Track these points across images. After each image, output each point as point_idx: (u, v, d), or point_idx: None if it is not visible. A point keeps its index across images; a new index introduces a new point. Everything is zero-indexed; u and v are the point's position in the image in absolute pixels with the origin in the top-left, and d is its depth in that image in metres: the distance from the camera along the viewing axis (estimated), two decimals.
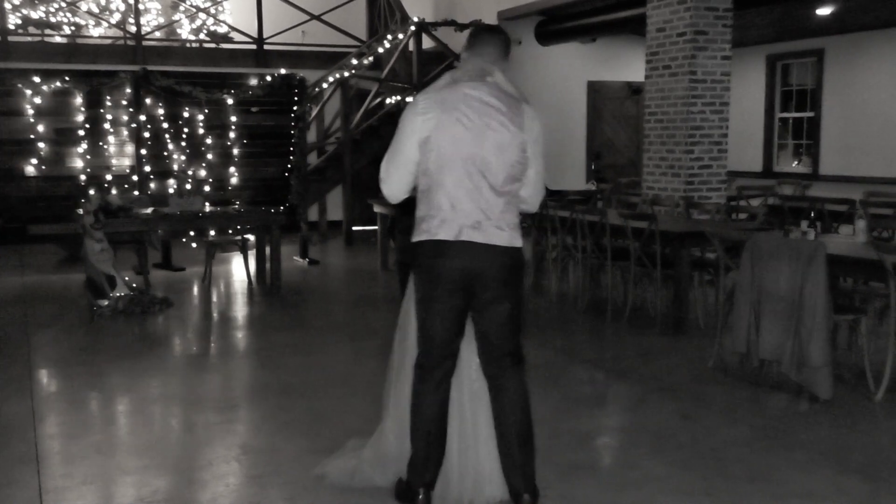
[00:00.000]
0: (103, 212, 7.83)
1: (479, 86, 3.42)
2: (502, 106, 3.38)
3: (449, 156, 3.34)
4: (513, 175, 3.39)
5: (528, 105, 3.47)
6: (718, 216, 8.04)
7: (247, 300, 8.51)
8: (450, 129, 3.34)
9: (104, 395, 5.36)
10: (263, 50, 13.50)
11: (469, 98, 3.38)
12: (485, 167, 3.34)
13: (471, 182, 3.35)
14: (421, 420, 3.52)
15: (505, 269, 3.41)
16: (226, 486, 3.90)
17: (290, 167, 10.95)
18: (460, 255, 3.37)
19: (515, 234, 3.45)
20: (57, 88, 9.91)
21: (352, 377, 5.71)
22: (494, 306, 3.44)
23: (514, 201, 3.44)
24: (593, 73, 14.56)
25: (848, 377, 5.51)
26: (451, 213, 3.36)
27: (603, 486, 3.87)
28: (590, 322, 7.35)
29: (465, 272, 3.39)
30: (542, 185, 3.53)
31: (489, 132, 3.35)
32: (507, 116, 3.37)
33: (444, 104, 3.37)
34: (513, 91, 3.48)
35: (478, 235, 3.36)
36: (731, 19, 8.89)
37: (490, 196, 3.36)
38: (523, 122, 3.40)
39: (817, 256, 4.92)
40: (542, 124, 3.50)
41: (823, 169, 12.81)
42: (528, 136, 3.40)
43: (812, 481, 3.92)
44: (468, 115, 3.35)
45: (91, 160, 10.13)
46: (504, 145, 3.35)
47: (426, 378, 3.51)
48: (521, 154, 3.39)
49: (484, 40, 3.55)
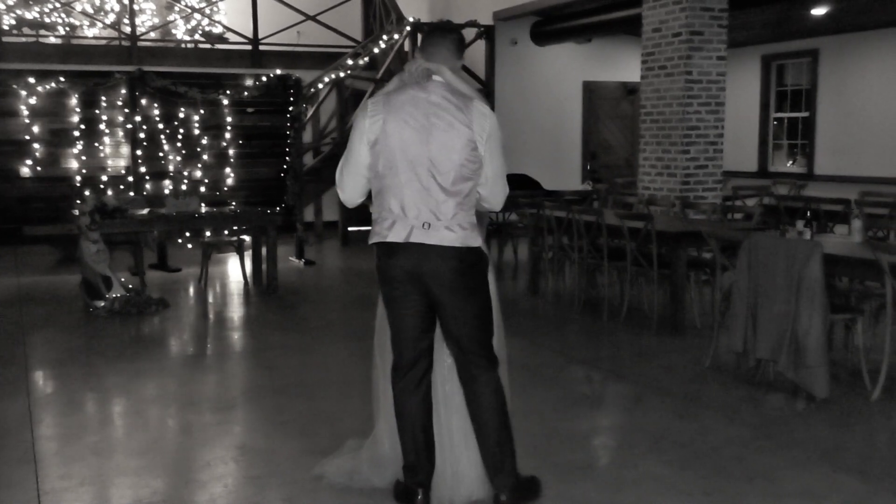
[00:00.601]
0: (99, 213, 7.82)
1: (427, 85, 3.41)
2: (449, 104, 3.36)
3: (397, 157, 3.35)
4: (463, 175, 3.35)
5: (480, 102, 3.42)
6: (714, 216, 8.06)
7: (243, 301, 8.51)
8: (397, 130, 3.35)
9: (101, 396, 5.35)
10: (259, 50, 13.49)
11: (416, 99, 3.38)
12: (433, 167, 3.32)
13: (419, 183, 3.34)
14: (404, 421, 3.56)
15: (458, 271, 3.37)
16: (224, 487, 3.90)
17: (286, 168, 10.94)
18: (411, 257, 3.38)
19: (471, 235, 3.40)
20: (52, 89, 9.88)
21: (349, 377, 5.70)
22: (455, 308, 3.42)
23: (467, 201, 3.40)
24: (589, 74, 14.58)
25: (844, 376, 5.52)
26: (400, 214, 3.37)
27: (601, 485, 3.87)
28: (586, 322, 7.36)
29: (417, 274, 3.39)
30: (502, 184, 3.48)
31: (435, 132, 3.33)
32: (453, 115, 3.34)
33: (391, 106, 3.40)
34: (464, 89, 3.44)
35: (428, 236, 3.34)
36: (726, 19, 8.91)
37: (440, 196, 3.34)
38: (472, 119, 3.35)
39: (814, 256, 4.94)
40: (496, 121, 3.43)
41: (818, 169, 12.85)
42: (478, 134, 3.35)
43: (810, 480, 3.93)
44: (414, 115, 3.35)
45: (86, 161, 10.10)
46: (451, 144, 3.32)
47: (402, 378, 3.55)
48: (470, 152, 3.34)
49: (433, 41, 3.54)
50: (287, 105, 10.92)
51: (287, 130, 10.95)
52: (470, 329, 3.45)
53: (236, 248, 9.24)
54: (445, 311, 3.44)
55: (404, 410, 3.55)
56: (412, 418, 3.54)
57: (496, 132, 3.41)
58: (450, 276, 3.37)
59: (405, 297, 3.45)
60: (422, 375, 3.54)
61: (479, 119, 3.36)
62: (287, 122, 10.93)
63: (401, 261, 3.40)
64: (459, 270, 3.38)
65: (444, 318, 3.47)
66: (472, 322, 3.45)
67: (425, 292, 3.42)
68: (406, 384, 3.54)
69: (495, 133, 3.40)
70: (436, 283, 3.38)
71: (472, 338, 3.46)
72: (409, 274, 3.41)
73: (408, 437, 3.55)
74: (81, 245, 7.80)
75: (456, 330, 3.46)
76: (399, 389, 3.56)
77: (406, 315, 3.49)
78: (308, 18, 13.60)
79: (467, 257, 3.39)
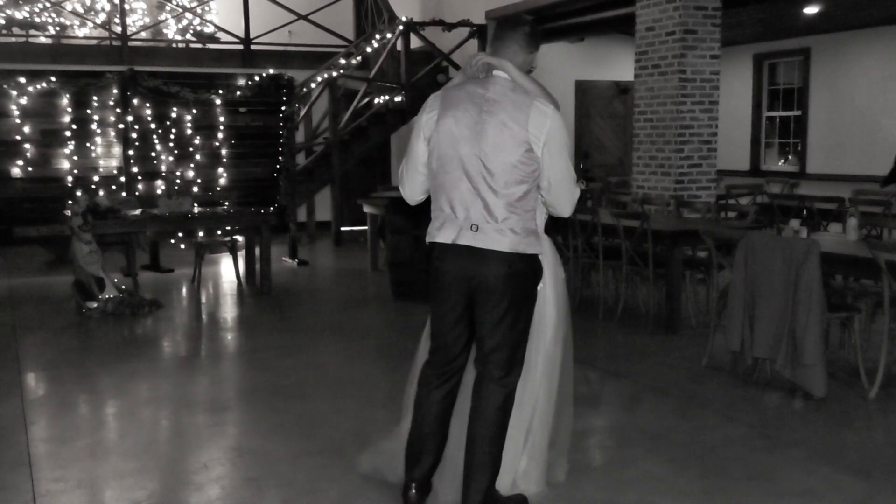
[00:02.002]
0: (91, 213, 7.77)
1: (485, 81, 3.29)
2: (506, 102, 3.20)
3: (448, 155, 3.24)
4: (516, 177, 3.18)
5: (543, 101, 3.23)
6: (709, 215, 8.06)
7: (236, 301, 8.47)
8: (449, 127, 3.24)
9: (95, 398, 5.31)
10: (250, 50, 13.43)
11: (473, 95, 3.26)
12: (484, 167, 3.18)
13: (469, 182, 3.21)
14: (419, 417, 3.49)
15: (504, 277, 3.22)
16: (221, 489, 3.87)
17: (279, 168, 10.90)
18: (458, 259, 3.26)
19: (524, 241, 3.23)
20: (43, 89, 9.82)
21: (344, 378, 5.67)
22: (490, 314, 3.28)
23: (522, 205, 3.22)
24: (581, 73, 14.57)
25: (841, 375, 5.52)
26: (451, 215, 3.26)
27: (601, 485, 3.86)
28: (582, 322, 7.33)
29: (462, 278, 3.27)
30: (568, 189, 3.28)
31: (488, 129, 3.18)
32: (508, 113, 3.17)
33: (448, 101, 3.29)
34: (528, 86, 3.27)
35: (475, 239, 3.21)
36: (719, 18, 8.91)
37: (491, 198, 3.19)
38: (529, 119, 3.16)
39: (811, 255, 4.93)
40: (560, 122, 3.24)
41: (810, 167, 12.86)
42: (534, 135, 3.16)
43: (809, 479, 3.92)
44: (469, 111, 3.22)
45: (78, 161, 10.05)
46: (503, 144, 3.17)
47: (430, 378, 3.47)
48: (524, 154, 3.16)
49: (501, 34, 3.40)
50: (280, 105, 10.89)
51: (279, 130, 10.92)
52: (498, 340, 3.29)
53: (229, 248, 9.20)
54: (481, 316, 3.31)
55: (422, 407, 3.49)
56: (426, 417, 3.47)
57: (558, 134, 3.21)
58: (493, 282, 3.23)
59: (448, 295, 3.35)
60: (447, 381, 3.46)
61: (537, 119, 3.17)
62: (279, 122, 10.90)
63: (448, 263, 3.30)
64: (505, 277, 3.22)
65: (478, 321, 3.33)
66: (502, 332, 3.28)
67: (469, 294, 3.31)
68: (432, 384, 3.47)
69: (557, 135, 3.21)
70: (480, 287, 3.26)
71: (499, 350, 3.30)
72: (455, 276, 3.29)
73: (415, 431, 3.51)
74: (74, 246, 7.75)
75: (485, 337, 3.32)
76: (423, 386, 3.49)
77: (446, 312, 3.38)
78: (300, 18, 13.55)
79: (516, 264, 3.23)
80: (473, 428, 3.34)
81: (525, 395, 3.52)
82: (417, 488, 3.50)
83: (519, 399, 3.46)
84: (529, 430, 3.60)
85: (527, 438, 3.60)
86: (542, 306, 3.54)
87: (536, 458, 3.64)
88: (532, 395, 3.57)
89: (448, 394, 3.47)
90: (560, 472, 3.86)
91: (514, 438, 3.49)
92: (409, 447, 3.54)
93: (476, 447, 3.32)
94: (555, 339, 3.63)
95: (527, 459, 3.62)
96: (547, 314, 3.58)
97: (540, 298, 3.50)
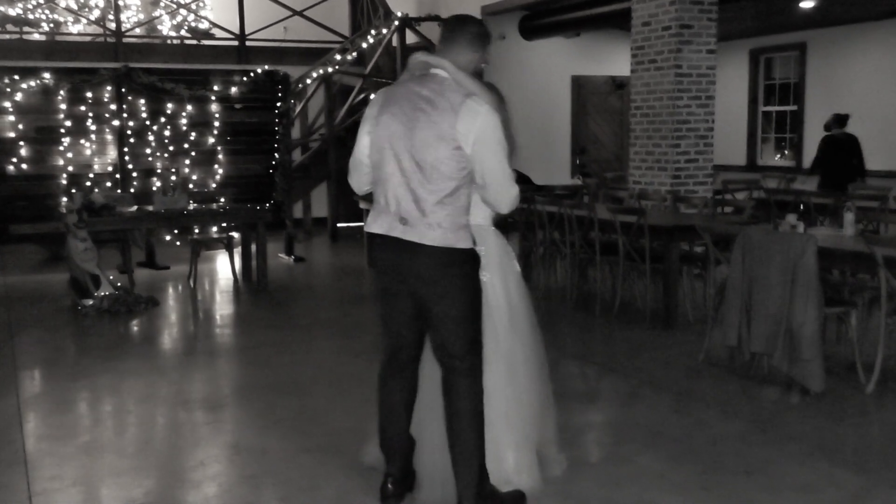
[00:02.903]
0: (87, 210, 7.75)
1: (425, 79, 3.34)
2: (438, 99, 3.23)
3: (384, 149, 3.32)
4: (444, 173, 3.20)
5: (475, 100, 3.23)
6: (706, 210, 8.05)
7: (233, 298, 8.45)
8: (387, 122, 3.32)
9: (91, 396, 5.29)
10: (245, 46, 13.40)
11: (410, 92, 3.32)
12: (415, 163, 3.23)
13: (403, 177, 3.26)
14: (383, 412, 3.58)
15: (436, 271, 3.26)
16: (218, 486, 3.85)
17: (275, 164, 10.87)
18: (390, 251, 3.34)
19: (452, 235, 3.25)
20: (37, 86, 9.78)
21: (340, 374, 5.66)
22: (434, 308, 3.32)
23: (452, 201, 3.24)
24: (577, 68, 14.55)
25: (838, 370, 5.51)
26: (385, 207, 3.34)
27: (599, 481, 3.85)
28: (579, 317, 7.34)
29: (396, 268, 3.35)
30: (504, 186, 3.27)
31: (418, 126, 3.23)
32: (439, 111, 3.21)
33: (388, 98, 3.38)
34: (466, 84, 3.30)
35: (406, 232, 3.27)
36: (716, 13, 8.89)
37: (421, 193, 3.23)
38: (458, 116, 3.18)
39: (808, 249, 4.93)
40: (495, 120, 3.23)
41: (807, 162, 12.85)
42: (462, 133, 3.17)
43: (807, 474, 3.91)
44: (405, 108, 3.28)
45: (73, 158, 10.02)
46: (430, 141, 3.20)
47: (385, 371, 3.57)
48: (452, 151, 3.18)
49: (445, 33, 3.45)
50: (275, 101, 10.86)
51: (275, 126, 10.89)
52: (448, 333, 3.33)
53: (225, 245, 9.18)
54: (427, 311, 3.36)
55: (380, 400, 3.58)
56: (385, 410, 3.57)
57: (490, 132, 3.21)
58: (426, 275, 3.28)
59: (389, 286, 3.44)
60: (403, 366, 3.53)
61: (467, 117, 3.18)
62: (275, 119, 10.87)
63: (381, 253, 3.39)
64: (437, 270, 3.27)
65: (426, 317, 3.38)
66: (450, 326, 3.32)
67: (409, 286, 3.36)
68: (387, 371, 3.56)
69: (488, 133, 3.20)
70: (415, 280, 3.32)
71: (448, 341, 3.34)
72: (389, 267, 3.38)
73: (383, 425, 3.59)
74: (69, 243, 7.72)
75: (436, 332, 3.38)
76: (381, 376, 3.58)
77: (390, 304, 3.47)
78: (295, 14, 13.52)
79: (446, 258, 3.25)
80: (450, 424, 3.37)
81: (494, 388, 3.52)
82: (393, 482, 3.57)
83: (489, 391, 3.46)
84: (510, 424, 3.59)
85: (509, 432, 3.59)
86: (492, 298, 3.58)
87: (524, 452, 3.64)
88: (500, 387, 3.57)
89: (405, 386, 3.54)
90: (557, 467, 3.87)
91: (493, 432, 3.48)
92: (381, 443, 3.61)
93: (456, 442, 3.35)
94: (511, 330, 3.64)
95: (514, 454, 3.61)
96: (497, 306, 3.62)
97: (489, 290, 3.55)
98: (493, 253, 3.63)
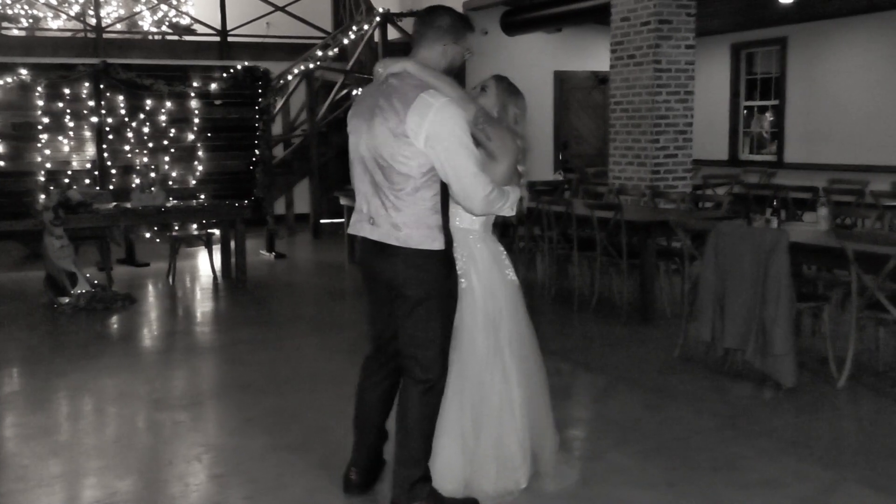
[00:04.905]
0: (63, 207, 7.70)
1: (388, 77, 3.27)
2: (394, 96, 3.14)
3: (355, 150, 3.33)
4: (401, 171, 3.12)
5: (431, 94, 3.10)
6: (684, 205, 8.06)
7: (212, 295, 8.42)
8: (354, 125, 3.34)
9: (63, 395, 5.26)
10: (227, 42, 13.34)
11: (374, 91, 3.30)
12: (376, 162, 3.19)
13: (369, 176, 3.26)
14: (357, 403, 3.61)
15: (404, 272, 3.20)
16: (185, 486, 3.84)
17: (256, 160, 10.83)
18: (364, 252, 3.37)
19: (420, 235, 3.16)
20: (14, 82, 9.71)
21: (318, 372, 5.64)
22: (398, 309, 3.29)
23: (415, 199, 3.15)
24: (560, 63, 14.55)
25: (811, 364, 5.53)
26: (359, 208, 3.36)
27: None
28: (557, 312, 7.34)
29: (371, 267, 3.36)
30: (468, 184, 3.11)
31: (376, 123, 3.18)
32: (392, 106, 3.13)
33: (358, 99, 3.42)
34: (426, 78, 3.17)
35: (374, 233, 3.26)
36: (694, 8, 8.90)
37: (385, 192, 3.19)
38: (408, 111, 3.07)
39: (779, 245, 4.94)
40: (452, 113, 3.09)
41: (788, 157, 12.90)
42: (413, 128, 3.06)
43: (775, 469, 3.92)
44: (368, 107, 3.26)
45: (51, 155, 9.95)
46: (386, 137, 3.13)
47: (366, 365, 3.61)
48: (405, 147, 3.09)
49: (417, 26, 3.34)
50: (255, 97, 10.81)
51: (256, 122, 10.84)
52: (410, 336, 3.26)
53: (205, 242, 9.14)
54: (394, 310, 3.33)
55: (357, 393, 3.60)
56: (360, 403, 3.59)
57: (445, 126, 3.06)
58: (394, 276, 3.23)
59: (368, 284, 3.47)
60: (383, 362, 3.52)
61: (418, 110, 3.06)
62: (256, 114, 10.83)
63: (360, 253, 3.43)
64: (404, 272, 3.20)
65: (395, 316, 3.35)
66: (412, 328, 3.24)
67: (383, 284, 3.34)
68: (368, 366, 3.59)
69: (443, 127, 3.06)
70: (388, 281, 3.28)
71: (411, 346, 3.27)
72: (365, 266, 3.41)
73: (356, 416, 3.62)
74: (45, 241, 7.67)
75: (398, 331, 3.32)
76: (363, 369, 3.60)
77: (371, 301, 3.49)
78: (277, 9, 13.47)
79: (413, 259, 3.18)
80: (397, 423, 3.39)
81: (462, 397, 3.43)
82: (357, 472, 3.61)
83: (453, 400, 3.41)
84: (478, 434, 3.47)
85: (475, 442, 3.47)
86: (469, 305, 3.42)
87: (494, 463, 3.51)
88: (468, 396, 3.44)
89: (383, 382, 3.54)
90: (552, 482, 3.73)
91: (453, 440, 3.43)
92: (355, 433, 3.65)
93: (399, 441, 3.35)
94: (493, 341, 3.47)
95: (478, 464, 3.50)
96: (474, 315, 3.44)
97: (467, 297, 3.42)
98: (477, 259, 3.47)
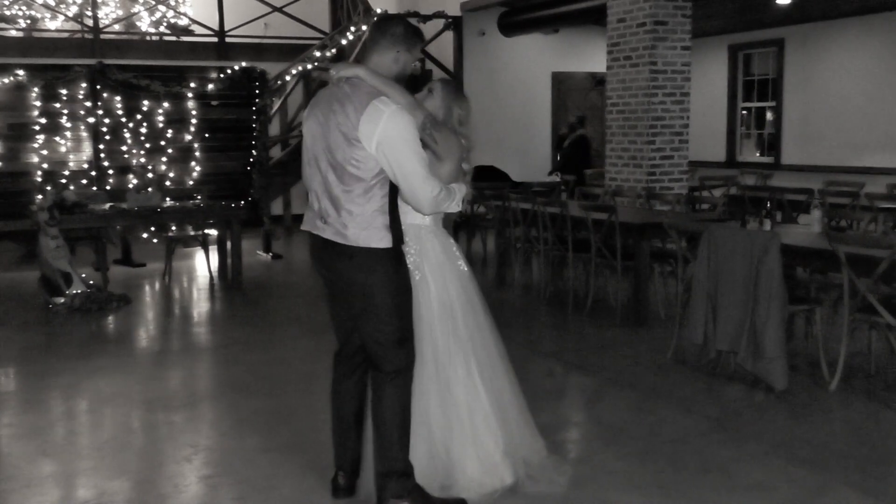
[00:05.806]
0: (58, 208, 7.70)
1: (342, 82, 3.37)
2: (347, 102, 3.26)
3: (309, 150, 3.42)
4: (351, 173, 3.24)
5: (382, 101, 3.22)
6: (679, 207, 8.06)
7: (208, 296, 8.42)
8: (310, 125, 3.42)
9: (55, 396, 5.26)
10: (225, 43, 13.35)
11: (329, 95, 3.39)
12: (330, 163, 3.30)
13: (321, 176, 3.34)
14: (334, 406, 3.66)
15: (354, 269, 3.31)
16: (174, 488, 3.84)
17: (252, 161, 10.84)
18: (315, 249, 3.46)
19: (368, 234, 3.27)
20: (11, 83, 9.71)
21: (312, 373, 5.63)
22: (354, 305, 3.38)
23: (363, 200, 3.26)
24: (557, 65, 14.56)
25: (804, 367, 5.53)
26: (311, 205, 3.44)
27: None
28: (552, 314, 7.34)
29: (323, 266, 3.45)
30: (417, 185, 3.22)
31: (330, 126, 3.30)
32: (346, 112, 3.24)
33: (314, 102, 3.49)
34: (378, 84, 3.29)
35: (324, 231, 3.35)
36: (690, 9, 8.91)
37: (336, 192, 3.29)
38: (361, 117, 3.19)
39: (771, 247, 4.94)
40: (403, 119, 3.21)
41: (785, 158, 12.90)
42: (365, 133, 3.19)
43: (764, 472, 3.92)
44: (323, 111, 3.36)
45: (47, 155, 9.96)
46: (340, 142, 3.25)
47: (335, 365, 3.66)
48: (357, 151, 3.22)
49: (371, 34, 3.48)
50: (252, 98, 10.82)
51: (252, 123, 10.85)
52: (368, 332, 3.37)
53: (201, 242, 9.14)
54: (352, 308, 3.42)
55: (332, 394, 3.66)
56: (336, 403, 3.64)
57: (396, 132, 3.19)
58: (345, 274, 3.36)
59: (325, 282, 3.54)
60: (348, 359, 3.60)
61: (370, 116, 3.19)
62: (252, 115, 10.83)
63: (313, 251, 3.49)
64: (355, 269, 3.31)
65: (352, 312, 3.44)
66: (368, 327, 3.36)
67: (338, 282, 3.44)
68: (337, 366, 3.65)
69: (394, 133, 3.19)
70: (339, 278, 3.40)
71: (370, 341, 3.38)
72: (320, 265, 3.48)
73: (334, 419, 3.66)
74: (40, 241, 7.68)
75: (362, 330, 3.42)
76: (333, 370, 3.67)
77: (331, 301, 3.59)
78: (275, 10, 13.47)
79: (362, 257, 3.29)
80: (372, 417, 3.45)
81: (426, 386, 3.52)
82: (344, 476, 3.65)
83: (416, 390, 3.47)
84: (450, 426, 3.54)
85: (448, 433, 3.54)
86: (424, 298, 3.55)
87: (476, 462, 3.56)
88: (432, 386, 3.54)
89: (352, 374, 3.61)
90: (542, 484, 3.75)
91: (419, 437, 3.47)
92: (334, 437, 3.69)
93: (375, 435, 3.42)
94: (452, 330, 3.58)
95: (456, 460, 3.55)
96: (430, 307, 3.56)
97: (421, 290, 3.54)
98: (429, 253, 3.61)
